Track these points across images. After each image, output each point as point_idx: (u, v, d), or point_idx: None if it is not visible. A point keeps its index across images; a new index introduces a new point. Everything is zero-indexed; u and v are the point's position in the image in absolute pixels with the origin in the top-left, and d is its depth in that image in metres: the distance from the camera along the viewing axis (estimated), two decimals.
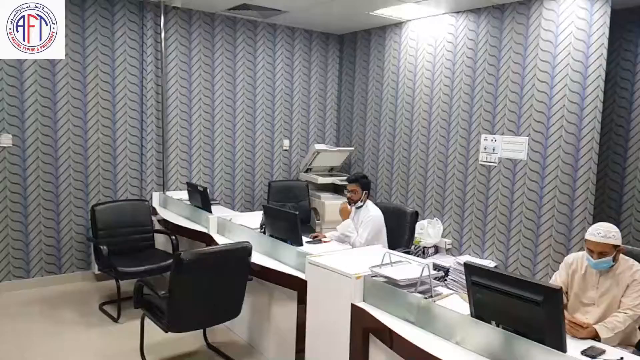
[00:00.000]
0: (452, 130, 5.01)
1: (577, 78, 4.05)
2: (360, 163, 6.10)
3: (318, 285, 2.82)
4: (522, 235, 4.45)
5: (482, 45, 4.69)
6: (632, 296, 2.33)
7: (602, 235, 2.38)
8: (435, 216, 5.22)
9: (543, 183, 4.29)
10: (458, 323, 2.12)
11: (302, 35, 5.97)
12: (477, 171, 4.82)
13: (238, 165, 5.68)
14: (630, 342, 2.35)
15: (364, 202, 3.82)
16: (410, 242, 4.05)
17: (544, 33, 4.20)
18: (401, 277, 2.48)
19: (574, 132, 4.10)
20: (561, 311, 1.82)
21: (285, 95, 5.92)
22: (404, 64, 5.44)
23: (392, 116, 5.62)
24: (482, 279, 2.04)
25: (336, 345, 2.66)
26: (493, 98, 4.64)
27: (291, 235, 3.36)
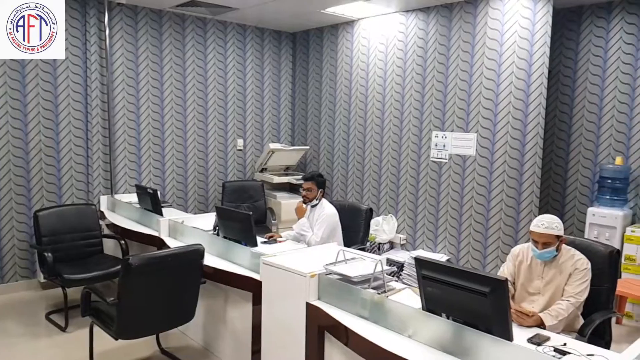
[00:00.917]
0: (405, 128, 5.09)
1: (521, 75, 4.20)
2: (315, 162, 6.10)
3: (273, 286, 2.80)
4: (473, 228, 4.57)
5: (432, 44, 4.78)
6: (574, 284, 2.43)
7: (545, 226, 2.47)
8: (389, 212, 5.29)
9: (491, 178, 4.42)
10: (410, 317, 2.15)
11: (254, 33, 5.90)
12: (428, 168, 4.91)
13: (190, 166, 5.56)
14: (573, 329, 2.45)
15: (319, 200, 3.82)
16: (366, 239, 4.08)
17: (490, 32, 4.33)
18: (355, 273, 2.49)
19: (519, 128, 4.24)
20: (507, 301, 1.87)
21: (237, 94, 5.84)
22: (356, 63, 5.48)
23: (346, 114, 5.65)
24: (431, 273, 2.07)
25: (292, 344, 2.65)
26: (443, 95, 4.74)
27: (245, 236, 3.32)
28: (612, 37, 4.33)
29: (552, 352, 1.90)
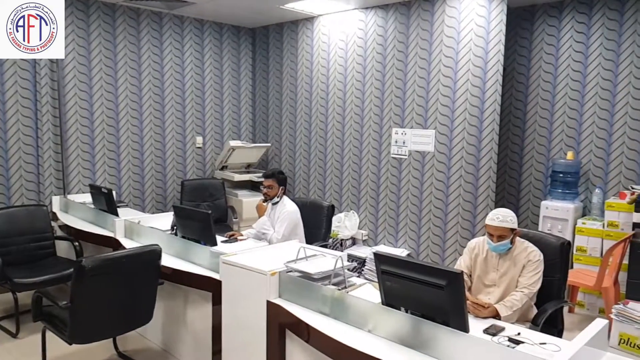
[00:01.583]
0: (365, 125, 5.12)
1: (478, 73, 4.29)
2: (277, 159, 6.07)
3: (233, 285, 2.76)
4: (432, 223, 4.65)
5: (391, 41, 4.83)
6: (527, 275, 2.50)
7: (500, 220, 2.53)
8: (351, 209, 5.32)
9: (449, 173, 4.50)
10: (370, 312, 2.16)
11: (212, 28, 5.80)
12: (389, 164, 4.96)
13: (147, 164, 5.42)
14: (527, 318, 2.52)
15: (280, 197, 3.79)
16: (328, 236, 4.08)
17: (447, 29, 4.40)
18: (315, 270, 2.49)
19: (476, 125, 4.34)
20: (463, 294, 1.90)
21: (196, 91, 5.73)
22: (317, 59, 5.47)
23: (308, 111, 5.64)
24: (390, 268, 2.08)
25: (253, 343, 2.62)
26: (402, 92, 4.79)
27: (204, 235, 3.26)
28: (564, 36, 4.48)
29: (506, 341, 1.95)
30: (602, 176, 4.37)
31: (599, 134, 4.35)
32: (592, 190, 4.39)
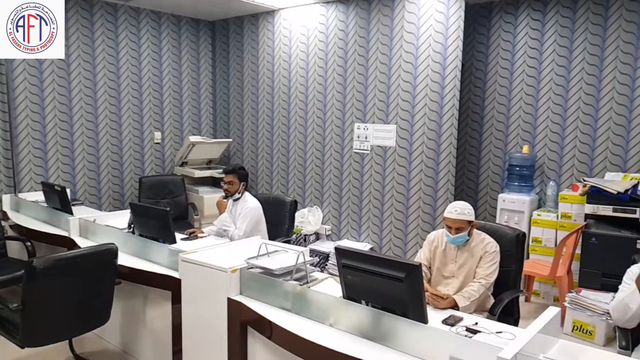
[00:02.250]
0: (328, 120, 5.12)
1: (437, 69, 4.35)
2: (239, 154, 5.99)
3: (192, 283, 2.71)
4: (394, 217, 4.70)
5: (352, 36, 4.83)
6: (484, 266, 2.56)
7: (458, 212, 2.58)
8: (315, 204, 5.31)
9: (410, 168, 4.56)
10: (331, 306, 2.16)
11: (170, 20, 5.66)
12: (352, 159, 4.98)
13: (103, 161, 5.25)
14: (484, 308, 2.58)
15: (241, 194, 3.74)
16: (291, 231, 4.06)
17: (407, 25, 4.44)
18: (277, 266, 2.47)
19: (435, 120, 4.41)
20: (421, 285, 1.93)
21: (153, 85, 5.58)
22: (278, 53, 5.42)
23: (270, 106, 5.59)
24: (350, 261, 2.09)
25: (214, 342, 2.58)
26: (364, 88, 4.81)
27: (163, 233, 3.19)
28: (520, 32, 4.60)
29: (464, 331, 1.98)
30: (556, 169, 4.52)
31: (553, 129, 4.50)
32: (546, 183, 4.53)
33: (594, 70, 4.25)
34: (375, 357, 1.85)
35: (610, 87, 4.18)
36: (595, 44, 4.22)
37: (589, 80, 4.27)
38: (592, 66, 4.25)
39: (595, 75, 4.25)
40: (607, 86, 4.20)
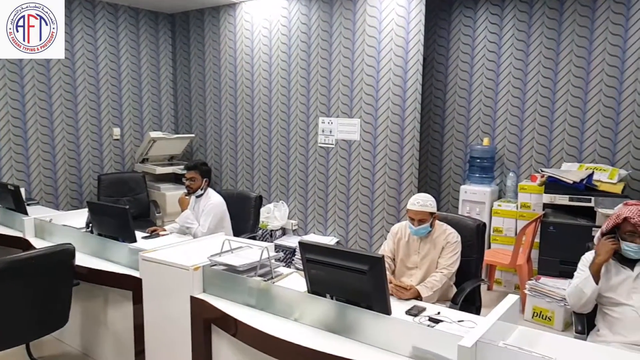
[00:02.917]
0: (292, 114, 5.09)
1: (399, 62, 4.38)
2: (202, 150, 5.89)
3: (154, 282, 2.65)
4: (359, 210, 4.72)
5: (315, 30, 4.81)
6: (446, 257, 2.60)
7: (420, 204, 2.61)
8: (280, 199, 5.28)
9: (375, 161, 4.59)
10: (295, 300, 2.15)
11: (127, 13, 5.49)
12: (317, 153, 4.97)
13: (59, 158, 5.06)
14: (447, 298, 2.63)
15: (204, 190, 3.68)
16: (256, 227, 4.03)
17: (369, 19, 4.46)
18: (240, 262, 2.44)
19: (398, 113, 4.44)
20: (385, 277, 1.94)
21: (111, 79, 5.41)
22: (240, 47, 5.35)
23: (233, 100, 5.51)
24: (314, 256, 2.08)
25: (177, 341, 2.53)
26: (327, 82, 4.80)
27: (122, 231, 3.10)
28: (479, 27, 4.68)
29: (427, 321, 2.01)
30: (515, 160, 4.63)
31: (512, 121, 4.60)
32: (506, 174, 4.65)
33: (550, 64, 4.37)
34: (339, 350, 1.85)
35: (566, 80, 4.31)
36: (551, 38, 4.34)
37: (546, 74, 4.39)
38: (549, 60, 4.37)
39: (551, 68, 4.37)
40: (563, 79, 4.33)
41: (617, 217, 2.27)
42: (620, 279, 2.27)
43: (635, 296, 2.20)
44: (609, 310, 2.27)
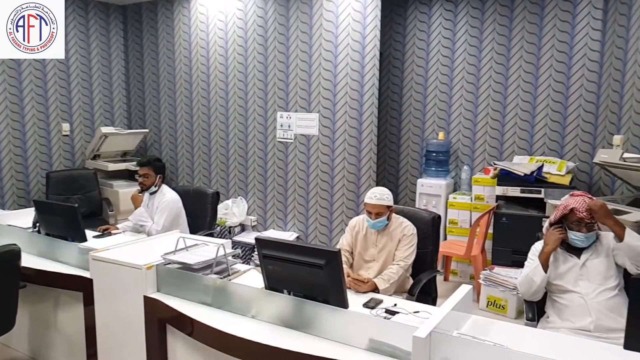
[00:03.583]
0: (250, 109, 5.03)
1: (356, 57, 4.40)
2: (157, 145, 5.74)
3: (105, 282, 2.57)
4: (319, 205, 4.73)
5: (272, 23, 4.76)
6: (402, 249, 2.63)
7: (377, 198, 2.63)
8: (239, 195, 5.22)
9: (333, 156, 4.60)
10: (252, 297, 2.14)
11: (76, 4, 5.26)
12: (275, 148, 4.93)
13: (5, 155, 4.82)
14: (404, 289, 2.66)
15: (158, 186, 3.58)
16: (214, 224, 3.96)
17: (326, 13, 4.45)
18: (195, 260, 2.39)
19: (356, 108, 4.46)
20: (341, 271, 1.94)
21: (60, 73, 5.17)
22: (195, 40, 5.22)
23: (188, 95, 5.38)
24: (271, 251, 2.07)
25: (131, 342, 2.46)
26: (285, 76, 4.77)
27: (71, 230, 2.98)
28: (434, 23, 4.75)
29: (383, 313, 2.03)
30: (469, 154, 4.74)
31: (466, 116, 4.71)
32: (461, 167, 4.75)
33: (502, 59, 4.49)
34: (297, 345, 1.84)
35: (517, 76, 4.45)
36: (502, 35, 4.46)
37: (498, 70, 4.51)
38: (501, 55, 4.49)
39: (503, 64, 4.49)
40: (514, 75, 4.46)
41: (564, 208, 2.35)
42: (567, 267, 2.36)
43: (582, 283, 2.30)
44: (557, 298, 2.36)
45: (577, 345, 1.91)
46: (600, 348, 1.89)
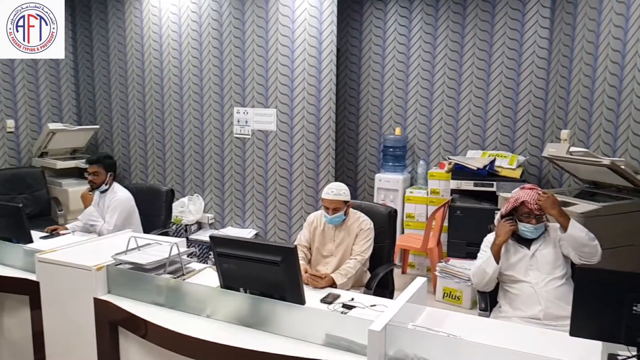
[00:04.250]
0: (205, 104, 4.93)
1: (313, 53, 4.39)
2: (109, 142, 5.54)
3: (53, 285, 2.46)
4: (278, 201, 4.69)
5: (227, 17, 4.68)
6: (359, 243, 2.65)
7: (335, 193, 2.63)
8: (195, 192, 5.11)
9: (292, 151, 4.57)
10: (207, 296, 2.09)
11: None
12: (232, 144, 4.86)
13: None
14: (361, 284, 2.68)
15: (109, 185, 3.46)
16: (168, 222, 3.86)
17: (282, 8, 4.41)
18: (147, 260, 2.32)
19: (314, 104, 4.46)
20: (298, 268, 1.93)
21: (3, 67, 4.87)
22: (148, 33, 5.06)
23: (141, 89, 5.22)
24: (226, 249, 2.03)
25: (81, 346, 2.37)
26: (241, 71, 4.70)
27: (16, 232, 2.83)
28: (390, 19, 4.80)
29: (340, 308, 2.03)
30: (425, 149, 4.83)
31: (421, 111, 4.79)
32: (417, 162, 4.83)
33: (455, 56, 4.58)
34: (252, 343, 1.81)
35: (470, 72, 4.56)
36: (455, 32, 4.55)
37: (452, 66, 4.60)
38: (454, 52, 4.58)
39: (456, 61, 4.59)
40: (467, 71, 4.57)
41: (515, 201, 2.42)
42: (518, 257, 2.43)
43: (532, 273, 2.37)
44: (509, 287, 2.43)
45: (526, 334, 1.97)
46: (548, 335, 1.95)
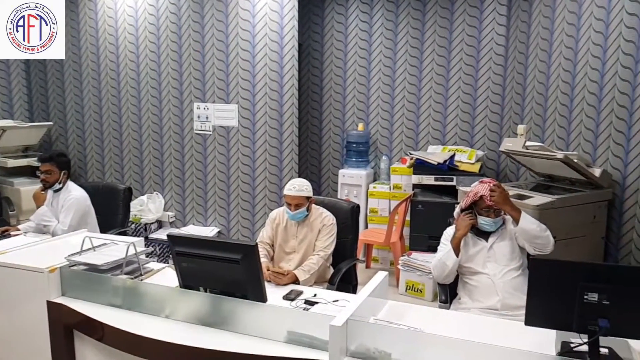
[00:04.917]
0: (164, 100, 4.81)
1: (275, 48, 4.35)
2: (63, 139, 5.34)
3: (3, 289, 2.35)
4: (241, 198, 4.64)
5: (185, 11, 4.58)
6: (322, 239, 2.64)
7: (297, 189, 2.61)
8: (155, 190, 4.99)
9: (254, 147, 4.53)
10: (166, 297, 2.04)
11: None
12: (193, 140, 4.77)
13: None
14: (325, 279, 2.68)
15: (63, 184, 3.32)
16: (127, 221, 3.76)
17: (242, 2, 4.36)
18: (103, 261, 2.24)
19: (276, 99, 4.42)
20: (258, 265, 1.91)
21: None
22: (103, 27, 4.89)
23: (96, 85, 5.05)
24: (184, 248, 1.98)
25: (34, 352, 2.29)
26: (201, 66, 4.62)
27: None
28: (351, 15, 4.80)
29: (303, 304, 2.02)
30: (387, 144, 4.87)
31: (383, 107, 4.82)
32: (380, 157, 4.86)
33: (416, 53, 4.64)
34: (213, 343, 1.78)
35: (430, 69, 4.62)
36: (416, 28, 4.60)
37: (413, 63, 4.66)
38: (415, 49, 4.63)
39: (417, 57, 4.64)
40: (427, 68, 4.63)
41: (474, 195, 2.46)
42: (476, 249, 2.48)
43: (490, 265, 2.43)
44: (468, 279, 2.48)
45: (484, 324, 2.02)
46: (505, 325, 2.00)
